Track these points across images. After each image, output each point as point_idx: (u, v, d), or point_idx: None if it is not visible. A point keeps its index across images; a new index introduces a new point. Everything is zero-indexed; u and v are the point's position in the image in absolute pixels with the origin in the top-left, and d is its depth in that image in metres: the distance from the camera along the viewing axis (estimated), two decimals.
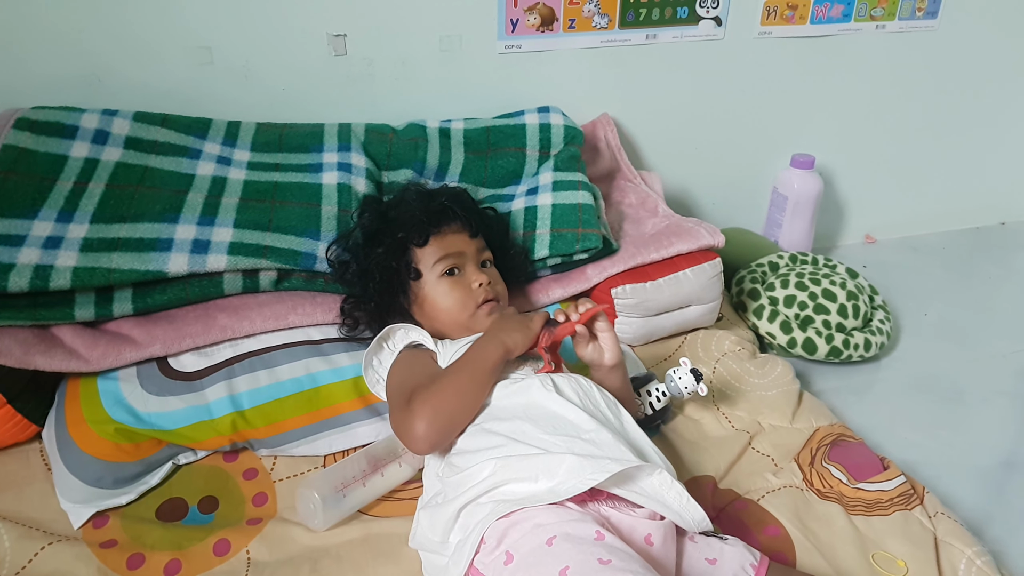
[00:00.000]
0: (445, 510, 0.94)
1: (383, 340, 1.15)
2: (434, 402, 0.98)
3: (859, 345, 1.60)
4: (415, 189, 1.30)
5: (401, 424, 1.00)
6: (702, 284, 1.46)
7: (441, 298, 1.18)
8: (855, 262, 1.98)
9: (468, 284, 1.18)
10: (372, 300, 1.22)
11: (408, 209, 1.23)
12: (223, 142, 1.45)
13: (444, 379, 1.02)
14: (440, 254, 1.19)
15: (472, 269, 1.20)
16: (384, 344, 1.15)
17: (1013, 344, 1.75)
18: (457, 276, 1.19)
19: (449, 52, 1.64)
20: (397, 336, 1.16)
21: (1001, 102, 2.19)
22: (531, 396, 1.02)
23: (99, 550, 1.03)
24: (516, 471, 0.91)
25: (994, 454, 1.41)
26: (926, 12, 1.96)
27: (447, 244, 1.20)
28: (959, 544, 1.08)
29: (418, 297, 1.20)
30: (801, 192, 1.95)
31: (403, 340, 1.15)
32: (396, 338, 1.15)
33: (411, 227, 1.20)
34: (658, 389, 1.26)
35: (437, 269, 1.18)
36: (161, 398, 1.16)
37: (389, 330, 1.15)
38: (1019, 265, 2.18)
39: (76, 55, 1.44)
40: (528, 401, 1.01)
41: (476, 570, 0.86)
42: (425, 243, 1.20)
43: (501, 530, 0.86)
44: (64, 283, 1.15)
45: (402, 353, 1.13)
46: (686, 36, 1.80)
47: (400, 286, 1.21)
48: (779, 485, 1.19)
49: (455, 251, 1.19)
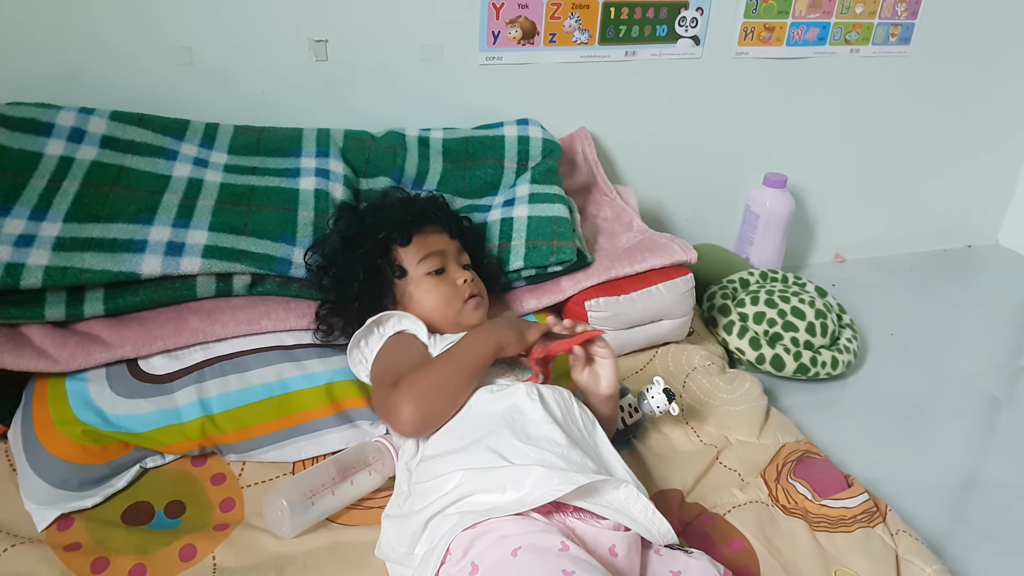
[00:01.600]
0: (412, 521, 0.94)
1: (375, 324, 1.16)
2: (422, 386, 1.00)
3: (826, 363, 1.62)
4: (394, 194, 1.33)
5: (385, 404, 1.02)
6: (674, 299, 1.48)
7: (427, 295, 1.19)
8: (824, 281, 2.01)
9: (452, 281, 1.21)
10: (355, 303, 1.22)
11: (388, 212, 1.26)
12: (200, 144, 1.44)
13: (433, 365, 1.04)
14: (424, 252, 1.21)
15: (455, 267, 1.23)
16: (375, 328, 1.16)
17: (976, 365, 1.79)
18: (442, 275, 1.21)
19: (430, 61, 1.65)
20: (390, 323, 1.17)
21: (970, 128, 2.24)
22: (513, 401, 1.02)
23: (63, 553, 1.01)
24: (483, 482, 0.92)
25: (955, 473, 1.43)
26: (899, 38, 2.01)
27: (430, 243, 1.23)
28: (919, 562, 1.10)
29: (404, 295, 1.21)
30: (773, 210, 1.98)
31: (394, 327, 1.16)
32: (388, 324, 1.17)
33: (393, 228, 1.22)
34: (630, 404, 1.27)
35: (422, 268, 1.21)
36: (130, 400, 1.15)
37: (383, 316, 1.16)
38: (983, 288, 2.23)
39: (54, 53, 1.43)
40: (509, 406, 1.02)
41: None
42: (408, 242, 1.22)
43: (467, 541, 0.86)
44: (35, 282, 1.14)
45: (392, 338, 1.15)
46: (664, 54, 1.82)
47: (385, 286, 1.21)
48: (745, 500, 1.20)
49: (438, 249, 1.23)
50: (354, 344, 1.16)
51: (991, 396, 1.68)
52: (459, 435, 1.00)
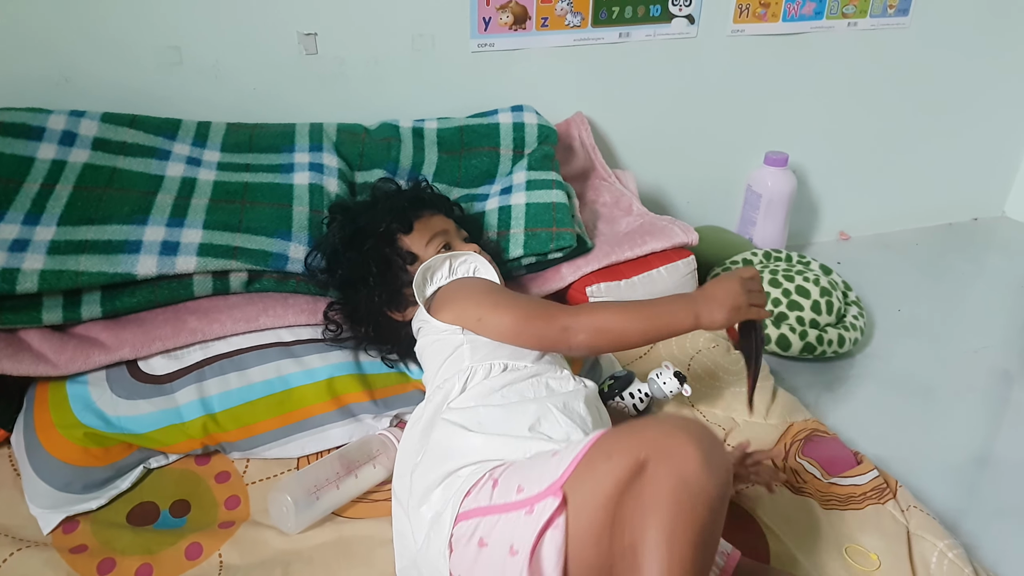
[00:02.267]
0: (427, 475, 0.94)
1: (453, 260, 1.16)
2: (607, 324, 1.01)
3: (833, 341, 1.61)
4: (383, 187, 1.34)
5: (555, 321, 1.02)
6: (676, 282, 1.47)
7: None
8: (829, 259, 1.99)
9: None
10: (376, 294, 1.20)
11: (382, 205, 1.27)
12: (193, 143, 1.43)
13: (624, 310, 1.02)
14: (429, 234, 1.23)
15: (459, 243, 1.25)
16: (451, 263, 1.16)
17: (984, 340, 1.77)
18: (450, 250, 1.22)
19: (421, 51, 1.64)
20: (463, 267, 1.16)
21: (972, 98, 2.21)
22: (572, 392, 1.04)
23: (69, 555, 1.01)
24: (504, 450, 0.92)
25: (966, 449, 1.42)
26: (897, 9, 1.98)
27: (431, 225, 1.25)
28: (931, 537, 1.09)
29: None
30: (775, 190, 1.96)
31: (466, 272, 1.16)
32: (461, 268, 1.16)
33: (392, 218, 1.23)
34: (640, 391, 1.26)
35: (430, 249, 1.22)
36: (131, 401, 1.15)
37: (461, 255, 1.17)
38: (991, 261, 2.21)
39: (43, 55, 1.43)
40: (572, 391, 1.04)
41: (463, 514, 0.87)
42: (410, 229, 1.23)
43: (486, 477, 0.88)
44: (31, 286, 1.13)
45: (475, 277, 1.14)
46: (659, 34, 1.80)
47: (397, 274, 1.20)
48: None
49: (440, 229, 1.24)
50: (437, 266, 1.14)
51: (1001, 371, 1.66)
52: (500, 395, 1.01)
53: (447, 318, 1.08)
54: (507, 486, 0.85)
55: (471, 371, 1.04)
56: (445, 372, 1.07)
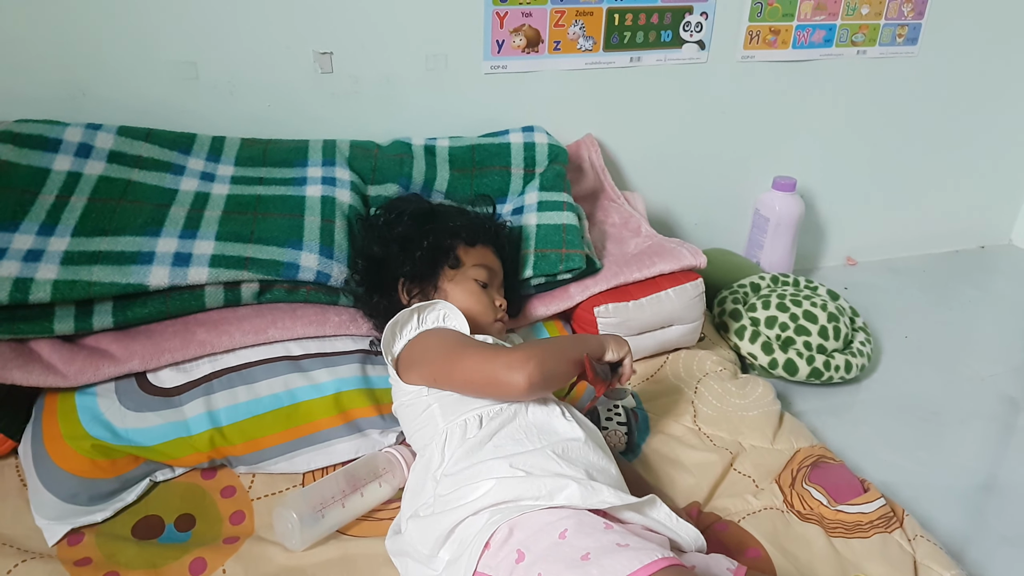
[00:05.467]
0: (439, 523, 0.93)
1: (421, 311, 1.14)
2: (544, 354, 1.02)
3: (840, 366, 1.61)
4: (462, 203, 1.40)
5: (496, 362, 1.01)
6: (684, 304, 1.47)
7: (467, 296, 1.22)
8: (836, 284, 1.99)
9: (492, 299, 1.24)
10: (408, 262, 1.23)
11: (461, 213, 1.33)
12: (207, 157, 1.44)
13: (553, 341, 1.14)
14: (480, 261, 1.26)
15: (495, 290, 1.28)
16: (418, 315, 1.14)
17: (992, 367, 1.77)
18: (485, 289, 1.24)
19: (435, 71, 1.65)
20: (431, 316, 1.15)
21: (980, 127, 2.22)
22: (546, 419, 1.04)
23: (73, 568, 1.01)
24: (516, 491, 0.91)
25: (973, 476, 1.41)
26: (906, 39, 1.99)
27: (488, 257, 1.28)
28: (938, 567, 1.08)
29: (445, 284, 1.23)
30: (783, 214, 1.96)
31: (435, 322, 1.15)
32: (430, 317, 1.15)
33: (466, 226, 1.28)
34: (612, 409, 1.29)
35: (472, 273, 1.24)
36: (139, 414, 1.15)
37: (429, 305, 1.15)
38: (998, 288, 2.20)
39: (61, 71, 1.44)
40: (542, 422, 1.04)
41: (482, 574, 0.85)
42: (473, 245, 1.28)
43: (506, 531, 0.86)
44: (44, 296, 1.14)
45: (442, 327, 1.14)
46: (670, 59, 1.81)
47: (438, 264, 1.24)
48: (760, 507, 1.19)
49: (491, 266, 1.28)
50: (398, 323, 1.12)
51: (1008, 397, 1.66)
52: (492, 447, 1.00)
53: (411, 379, 1.09)
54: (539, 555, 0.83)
55: (446, 434, 1.03)
56: (423, 438, 1.07)
